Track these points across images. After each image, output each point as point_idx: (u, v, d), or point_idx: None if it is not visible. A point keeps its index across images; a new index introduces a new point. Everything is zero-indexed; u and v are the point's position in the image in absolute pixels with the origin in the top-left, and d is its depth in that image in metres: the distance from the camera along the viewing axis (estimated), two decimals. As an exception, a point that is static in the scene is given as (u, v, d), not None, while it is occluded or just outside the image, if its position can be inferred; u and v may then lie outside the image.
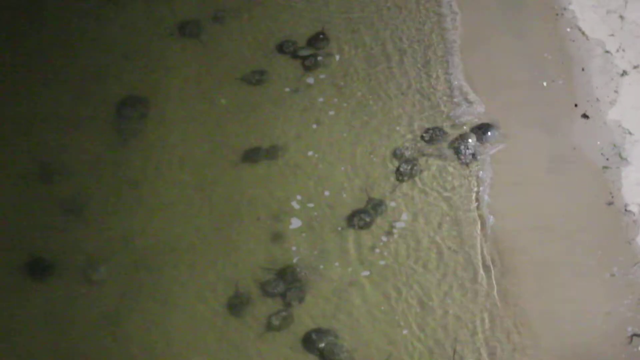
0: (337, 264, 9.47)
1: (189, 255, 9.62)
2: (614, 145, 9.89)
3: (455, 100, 10.45)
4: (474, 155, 10.03)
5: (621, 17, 10.63)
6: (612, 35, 10.55)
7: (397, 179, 9.92)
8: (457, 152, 10.03)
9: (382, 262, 9.43)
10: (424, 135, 10.18)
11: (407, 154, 10.04)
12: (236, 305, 9.25)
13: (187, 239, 9.72)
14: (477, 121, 10.25)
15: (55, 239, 9.74)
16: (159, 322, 9.24)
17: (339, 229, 9.63)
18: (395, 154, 10.07)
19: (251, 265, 9.52)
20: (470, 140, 10.05)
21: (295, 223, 9.75)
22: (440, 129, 10.21)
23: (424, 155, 10.02)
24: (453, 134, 10.14)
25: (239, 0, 11.38)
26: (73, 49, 11.16)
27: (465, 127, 10.20)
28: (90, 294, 9.47)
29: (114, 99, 10.70)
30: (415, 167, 9.92)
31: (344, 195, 9.89)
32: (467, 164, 9.99)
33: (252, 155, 10.17)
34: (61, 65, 11.00)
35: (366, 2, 11.19)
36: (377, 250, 9.51)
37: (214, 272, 9.51)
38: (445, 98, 10.48)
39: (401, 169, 9.95)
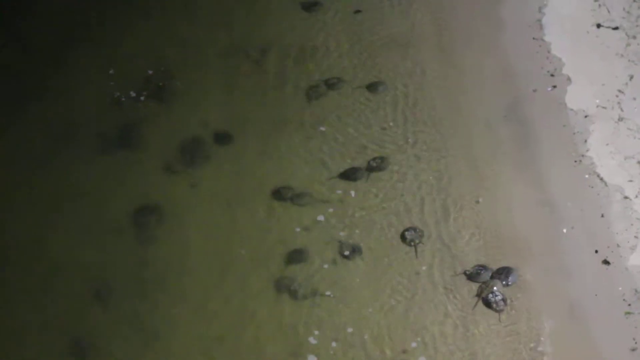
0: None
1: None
2: (636, 291, 9.90)
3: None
4: (504, 300, 10.20)
5: (639, 162, 10.82)
6: (631, 180, 10.73)
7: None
8: (487, 302, 10.21)
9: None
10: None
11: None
12: None
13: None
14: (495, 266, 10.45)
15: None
16: None
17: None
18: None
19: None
20: (496, 288, 10.24)
21: (311, 360, 10.11)
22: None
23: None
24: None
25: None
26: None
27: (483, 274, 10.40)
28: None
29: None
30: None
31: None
32: (501, 311, 10.12)
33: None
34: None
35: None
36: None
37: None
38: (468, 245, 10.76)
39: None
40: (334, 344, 10.08)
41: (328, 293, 10.47)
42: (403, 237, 10.80)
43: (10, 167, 11.97)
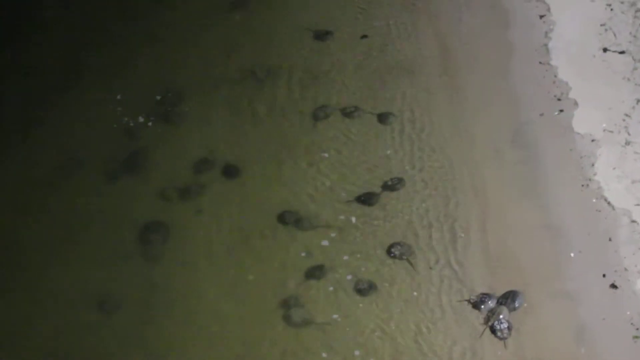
0: None
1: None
2: (645, 315, 9.87)
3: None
4: (509, 328, 10.18)
5: (646, 186, 10.85)
6: (638, 204, 10.72)
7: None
8: (493, 330, 10.18)
9: None
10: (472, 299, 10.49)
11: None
12: None
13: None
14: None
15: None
16: None
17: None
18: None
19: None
20: (502, 316, 10.22)
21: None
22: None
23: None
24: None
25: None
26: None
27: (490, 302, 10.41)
28: None
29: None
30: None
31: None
32: (505, 339, 10.11)
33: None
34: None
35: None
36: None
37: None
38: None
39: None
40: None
41: (335, 316, 10.51)
42: (390, 254, 10.89)
43: (16, 193, 12.15)
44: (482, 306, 10.32)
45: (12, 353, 10.65)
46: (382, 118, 12.37)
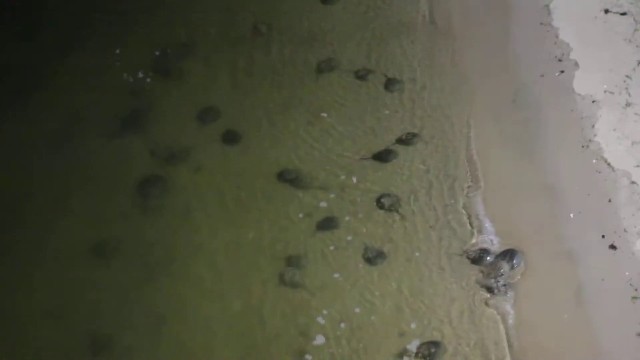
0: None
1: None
2: (643, 276, 9.91)
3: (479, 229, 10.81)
4: (505, 285, 10.24)
5: (647, 147, 10.83)
6: (638, 166, 10.68)
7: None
8: (490, 288, 10.27)
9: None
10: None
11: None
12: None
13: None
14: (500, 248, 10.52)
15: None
16: None
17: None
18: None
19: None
20: (502, 271, 10.27)
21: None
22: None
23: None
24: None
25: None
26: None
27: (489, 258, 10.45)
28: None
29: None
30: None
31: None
32: (503, 296, 10.20)
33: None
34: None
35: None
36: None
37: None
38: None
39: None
40: (342, 325, 10.20)
41: (336, 275, 10.51)
42: (380, 204, 10.94)
43: (18, 153, 12.07)
44: (481, 261, 10.35)
45: (14, 312, 10.66)
46: (387, 82, 12.26)
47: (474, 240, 10.66)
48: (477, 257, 10.45)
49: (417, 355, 9.91)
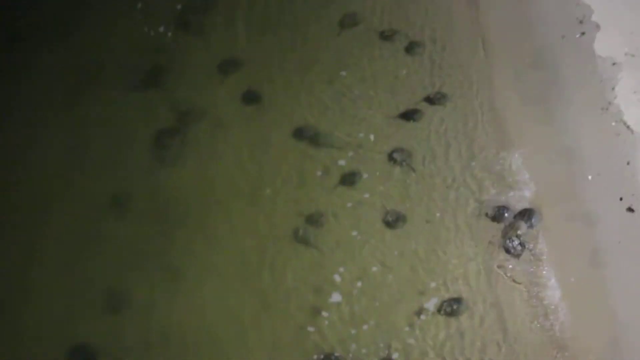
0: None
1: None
2: (660, 239, 9.95)
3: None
4: (521, 244, 10.28)
5: (667, 111, 10.78)
6: (658, 128, 10.69)
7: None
8: (506, 248, 10.30)
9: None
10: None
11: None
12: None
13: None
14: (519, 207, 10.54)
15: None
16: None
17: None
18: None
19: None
20: (519, 231, 10.30)
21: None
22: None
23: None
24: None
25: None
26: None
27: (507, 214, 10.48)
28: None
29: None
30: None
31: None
32: (519, 256, 10.24)
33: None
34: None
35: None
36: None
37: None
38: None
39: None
40: (359, 284, 10.21)
41: (354, 233, 10.52)
42: (392, 159, 10.94)
43: (38, 104, 12.01)
44: (502, 218, 10.40)
45: (29, 266, 10.69)
46: (409, 46, 12.10)
47: (492, 197, 10.63)
48: (497, 214, 10.45)
49: (440, 312, 9.97)
